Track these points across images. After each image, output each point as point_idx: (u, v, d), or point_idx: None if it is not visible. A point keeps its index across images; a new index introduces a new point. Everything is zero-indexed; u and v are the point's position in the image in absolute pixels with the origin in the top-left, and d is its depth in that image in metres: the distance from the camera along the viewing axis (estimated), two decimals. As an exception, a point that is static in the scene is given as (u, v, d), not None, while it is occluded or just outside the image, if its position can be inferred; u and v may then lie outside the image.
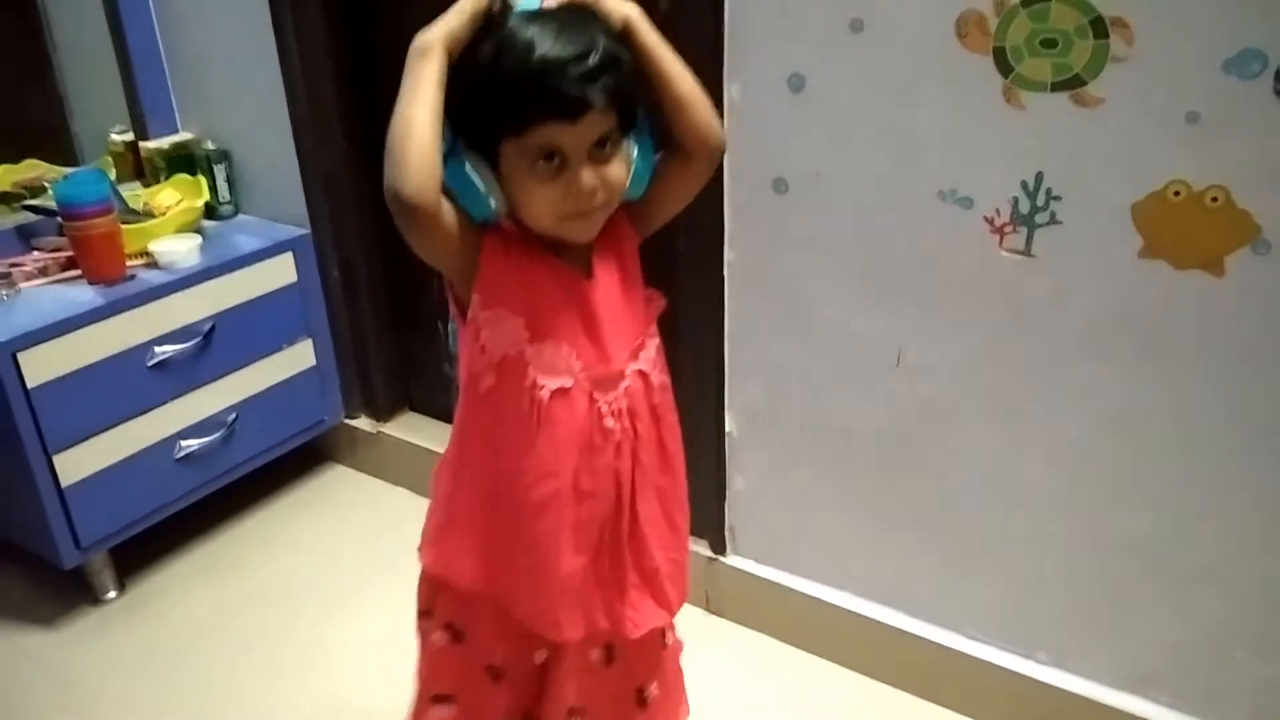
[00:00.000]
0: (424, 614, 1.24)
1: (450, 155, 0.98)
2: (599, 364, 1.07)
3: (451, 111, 0.96)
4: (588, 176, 0.97)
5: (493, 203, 0.99)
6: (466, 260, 1.03)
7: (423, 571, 1.22)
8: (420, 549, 1.20)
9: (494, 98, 0.95)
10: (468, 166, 0.98)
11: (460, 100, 0.96)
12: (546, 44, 0.92)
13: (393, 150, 0.93)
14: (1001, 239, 1.40)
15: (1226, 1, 1.16)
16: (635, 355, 1.11)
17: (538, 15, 0.95)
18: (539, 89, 0.93)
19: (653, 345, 1.15)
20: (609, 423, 1.08)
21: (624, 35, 1.01)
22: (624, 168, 1.02)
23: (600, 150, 0.98)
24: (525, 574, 1.12)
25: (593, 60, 0.93)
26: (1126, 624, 1.52)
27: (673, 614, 1.22)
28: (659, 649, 1.28)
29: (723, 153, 1.12)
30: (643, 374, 1.12)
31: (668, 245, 1.58)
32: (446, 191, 0.98)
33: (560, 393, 1.06)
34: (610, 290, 1.09)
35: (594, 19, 0.97)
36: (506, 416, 1.07)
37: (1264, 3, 1.14)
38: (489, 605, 1.16)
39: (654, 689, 1.27)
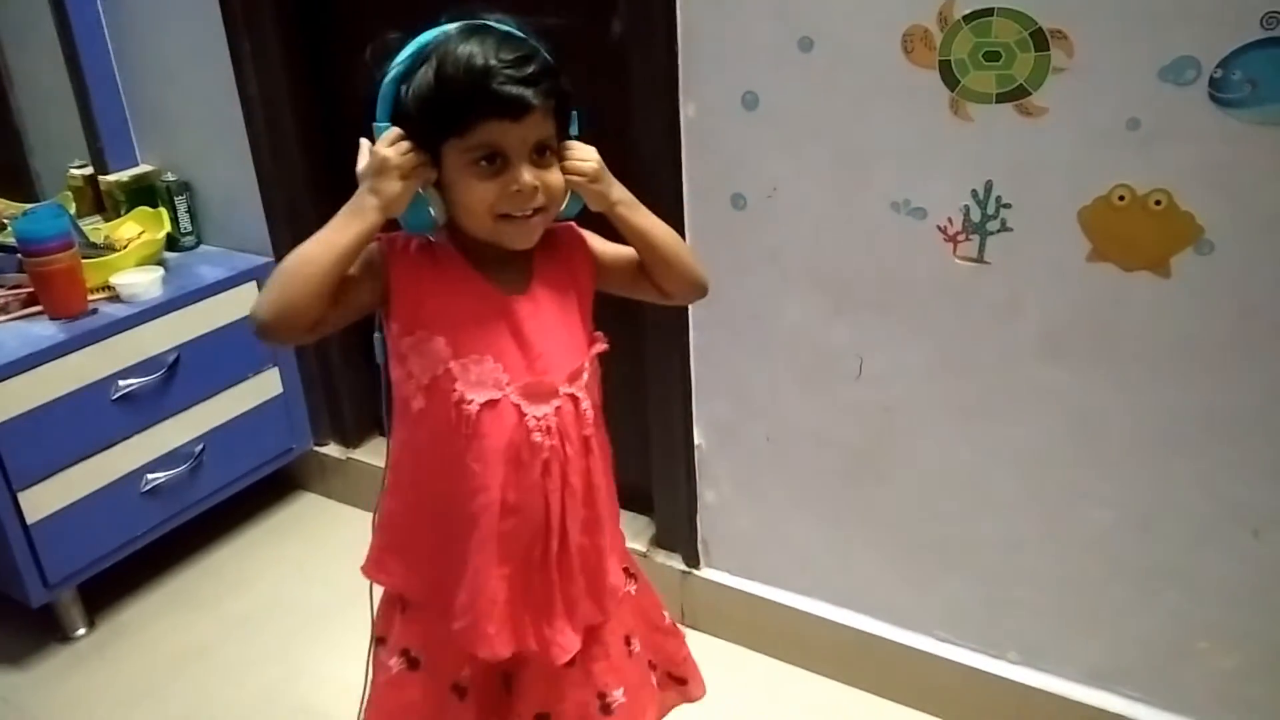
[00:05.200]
0: (379, 641, 1.24)
1: None
2: (528, 375, 1.09)
3: (399, 120, 1.01)
4: (527, 174, 1.01)
5: (432, 211, 1.05)
6: (375, 303, 1.09)
7: (382, 597, 1.23)
8: (365, 568, 1.21)
9: (438, 100, 0.98)
10: None
11: (405, 107, 1.00)
12: (490, 51, 0.97)
13: (279, 279, 1.00)
14: (955, 247, 1.44)
15: (1159, 12, 1.20)
16: (572, 379, 1.12)
17: (477, 30, 1.00)
18: (483, 88, 0.97)
19: (587, 376, 1.14)
20: (536, 437, 1.09)
21: (614, 218, 1.12)
22: (562, 179, 1.06)
23: (540, 157, 1.03)
24: (460, 587, 1.13)
25: (534, 66, 0.99)
26: (1093, 621, 1.55)
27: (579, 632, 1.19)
28: (624, 655, 1.26)
29: (706, 292, 1.21)
30: (574, 398, 1.12)
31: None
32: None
33: (489, 405, 1.07)
34: (546, 310, 1.11)
35: (529, 36, 1.03)
36: (438, 433, 1.10)
37: (1194, 13, 1.18)
38: (442, 621, 1.16)
39: (619, 695, 1.24)
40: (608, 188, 1.10)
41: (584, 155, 1.08)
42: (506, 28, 1.02)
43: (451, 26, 1.01)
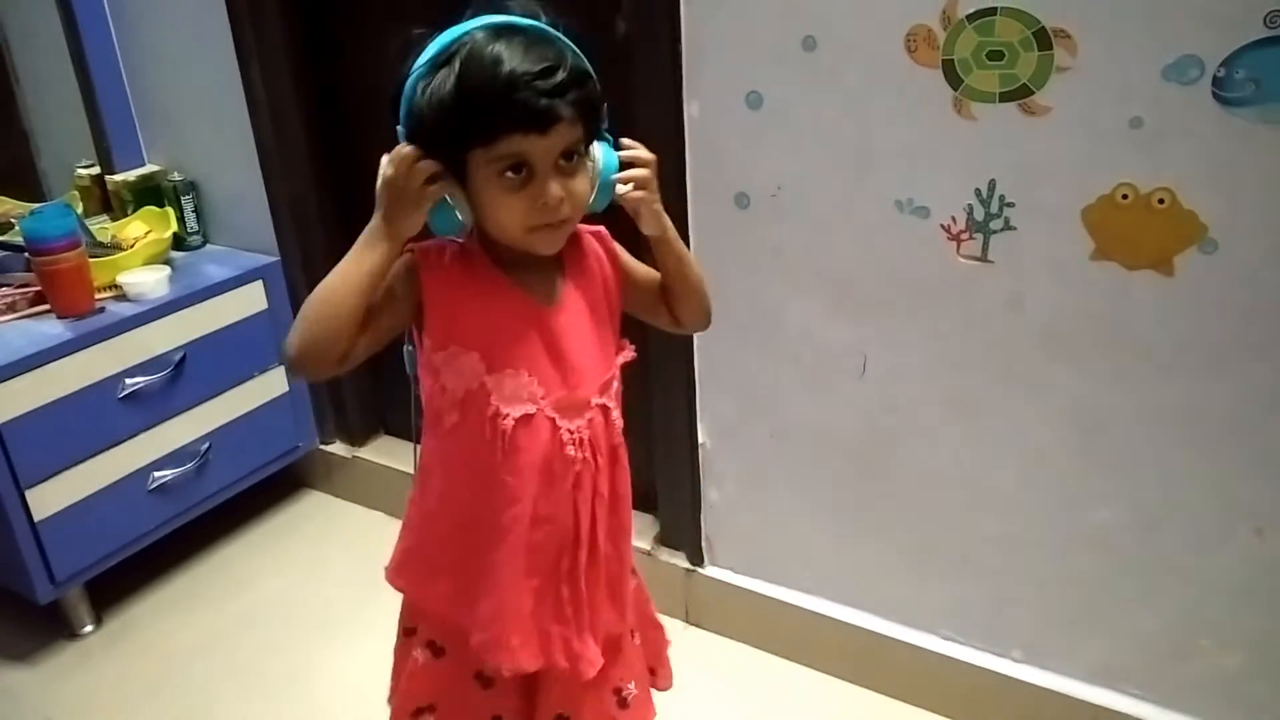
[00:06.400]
0: (408, 632, 1.23)
1: None
2: (562, 389, 1.07)
3: (418, 126, 0.96)
4: (555, 188, 0.97)
5: (459, 215, 1.00)
6: (407, 322, 1.07)
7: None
8: (388, 573, 1.20)
9: (463, 109, 0.93)
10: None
11: (427, 113, 0.95)
12: (516, 58, 0.92)
13: (305, 314, 0.98)
14: (959, 246, 1.44)
15: (1163, 12, 1.20)
16: (603, 390, 1.11)
17: (502, 31, 0.94)
18: (508, 101, 0.92)
19: (616, 386, 1.14)
20: (570, 450, 1.08)
21: (660, 243, 1.11)
22: (588, 180, 1.02)
23: (567, 162, 0.98)
24: (485, 598, 1.12)
25: (562, 74, 0.93)
26: (1096, 619, 1.55)
27: (602, 643, 1.19)
28: (632, 649, 1.27)
29: (710, 324, 1.22)
30: (605, 409, 1.11)
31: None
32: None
33: (524, 420, 1.06)
34: (578, 320, 1.10)
35: (558, 36, 0.97)
36: (471, 446, 1.08)
37: (1198, 13, 1.18)
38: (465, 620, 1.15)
39: (631, 688, 1.26)
40: (660, 209, 1.08)
41: (636, 171, 1.05)
42: (537, 26, 0.96)
43: (476, 24, 0.95)
